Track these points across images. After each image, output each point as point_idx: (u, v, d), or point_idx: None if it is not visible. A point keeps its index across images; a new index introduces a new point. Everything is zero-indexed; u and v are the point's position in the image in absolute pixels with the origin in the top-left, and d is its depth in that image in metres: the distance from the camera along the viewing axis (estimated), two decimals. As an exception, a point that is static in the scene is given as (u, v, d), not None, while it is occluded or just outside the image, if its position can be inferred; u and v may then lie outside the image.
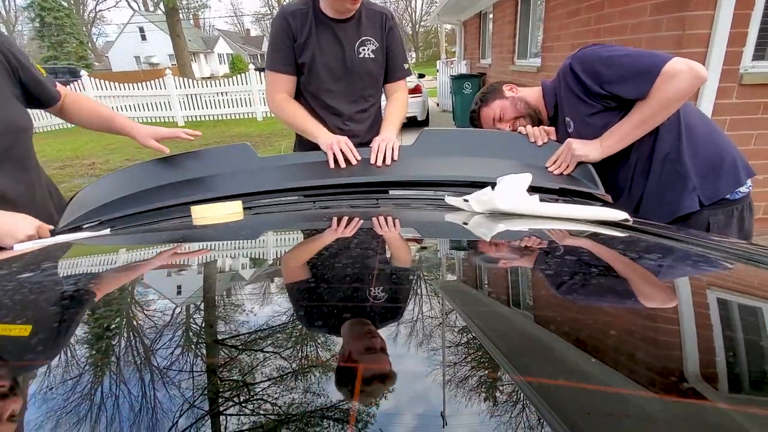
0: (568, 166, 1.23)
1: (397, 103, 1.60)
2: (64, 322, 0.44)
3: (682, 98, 1.10)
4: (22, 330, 0.42)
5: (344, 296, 0.49)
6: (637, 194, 1.25)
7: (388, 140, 1.32)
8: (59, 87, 1.24)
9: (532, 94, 1.40)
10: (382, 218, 0.88)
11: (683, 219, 1.19)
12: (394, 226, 0.83)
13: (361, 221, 0.83)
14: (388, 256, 0.63)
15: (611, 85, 1.14)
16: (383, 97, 1.67)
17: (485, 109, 1.43)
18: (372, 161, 1.28)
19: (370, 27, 1.49)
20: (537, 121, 1.39)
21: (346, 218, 0.86)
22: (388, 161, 1.27)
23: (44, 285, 0.54)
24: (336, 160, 1.27)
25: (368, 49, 1.49)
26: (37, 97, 1.16)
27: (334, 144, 1.29)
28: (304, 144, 1.55)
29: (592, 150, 1.21)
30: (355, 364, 0.35)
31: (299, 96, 1.55)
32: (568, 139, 1.24)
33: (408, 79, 1.66)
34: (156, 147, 1.27)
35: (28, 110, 1.15)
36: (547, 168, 1.25)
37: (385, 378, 0.33)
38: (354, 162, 1.28)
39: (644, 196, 1.23)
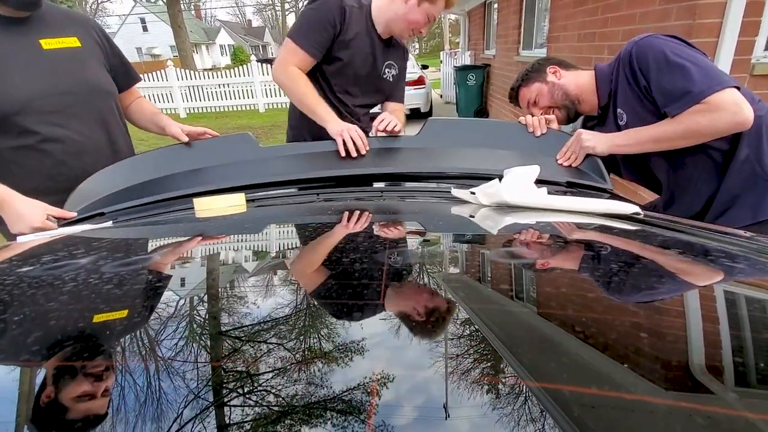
0: (576, 158, 1.20)
1: (399, 114, 1.63)
2: (72, 316, 0.44)
3: (712, 136, 1.03)
4: (120, 314, 0.44)
5: (351, 290, 0.48)
6: (705, 194, 1.17)
7: (392, 118, 1.33)
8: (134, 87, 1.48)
9: (578, 81, 1.30)
10: (386, 211, 0.87)
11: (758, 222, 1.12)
12: (399, 219, 0.82)
13: (366, 215, 0.81)
14: (393, 249, 0.62)
15: (654, 89, 1.07)
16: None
17: (524, 89, 1.37)
18: (372, 133, 1.29)
19: (395, 53, 1.58)
20: (573, 114, 1.32)
21: (350, 212, 0.84)
22: (390, 128, 1.29)
23: (49, 279, 0.53)
24: (347, 150, 1.25)
25: (390, 73, 1.58)
26: (121, 77, 1.38)
27: (345, 132, 1.26)
28: (299, 138, 1.58)
29: (600, 143, 1.17)
30: (361, 358, 0.35)
31: (313, 78, 1.51)
32: (579, 130, 1.20)
33: (411, 70, 1.76)
34: (177, 134, 1.33)
35: None
36: (557, 160, 1.23)
37: (388, 375, 0.33)
38: (363, 152, 1.26)
39: (717, 198, 1.15)
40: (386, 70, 1.56)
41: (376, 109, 1.69)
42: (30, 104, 1.12)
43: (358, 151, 1.25)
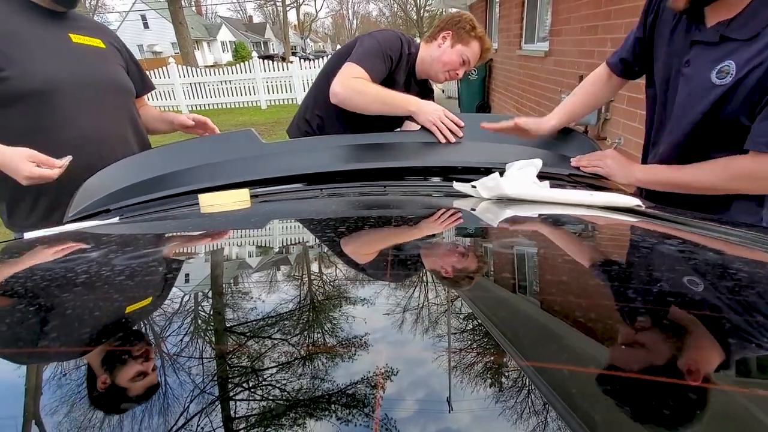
0: (589, 170, 1.14)
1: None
2: (81, 311, 0.44)
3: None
4: (145, 303, 0.46)
5: (355, 283, 0.48)
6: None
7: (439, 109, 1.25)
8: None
9: None
10: (389, 206, 0.87)
11: None
12: (402, 213, 0.83)
13: (369, 209, 0.82)
14: (396, 243, 0.63)
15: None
16: None
17: None
18: (443, 141, 1.23)
19: (419, 93, 1.57)
20: None
21: (353, 206, 0.85)
22: (458, 135, 1.22)
23: (58, 273, 0.54)
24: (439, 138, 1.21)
25: None
26: (137, 83, 1.44)
27: (437, 120, 1.21)
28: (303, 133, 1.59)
29: (620, 174, 1.08)
30: (368, 352, 0.35)
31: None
32: (608, 152, 1.12)
33: None
34: (184, 121, 1.47)
35: None
36: (571, 161, 1.19)
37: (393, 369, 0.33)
38: (460, 135, 1.21)
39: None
40: None
41: None
42: (54, 86, 1.17)
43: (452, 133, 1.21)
